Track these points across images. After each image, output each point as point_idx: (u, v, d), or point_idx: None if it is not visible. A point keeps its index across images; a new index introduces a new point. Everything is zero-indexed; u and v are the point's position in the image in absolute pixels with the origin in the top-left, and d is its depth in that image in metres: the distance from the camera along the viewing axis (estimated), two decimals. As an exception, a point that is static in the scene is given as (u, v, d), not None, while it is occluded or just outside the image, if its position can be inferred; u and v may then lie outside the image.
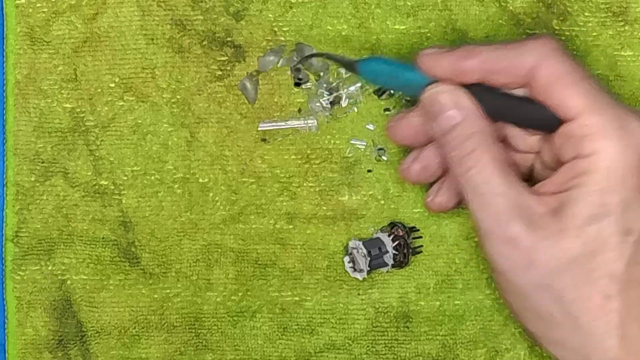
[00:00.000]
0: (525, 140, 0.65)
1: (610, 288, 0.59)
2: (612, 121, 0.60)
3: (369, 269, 0.69)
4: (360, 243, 0.69)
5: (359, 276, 0.69)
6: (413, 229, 0.70)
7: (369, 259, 0.69)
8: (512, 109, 0.63)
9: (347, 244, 0.70)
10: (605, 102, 0.60)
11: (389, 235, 0.69)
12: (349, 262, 0.70)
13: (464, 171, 0.61)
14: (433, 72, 0.62)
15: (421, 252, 0.70)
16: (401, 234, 0.69)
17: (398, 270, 0.70)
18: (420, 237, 0.70)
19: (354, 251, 0.69)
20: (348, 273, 0.70)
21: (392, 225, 0.69)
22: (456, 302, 0.70)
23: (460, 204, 0.67)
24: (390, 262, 0.69)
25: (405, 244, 0.69)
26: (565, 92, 0.60)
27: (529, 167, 0.66)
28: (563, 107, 0.61)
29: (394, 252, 0.69)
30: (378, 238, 0.69)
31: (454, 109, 0.62)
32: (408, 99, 0.69)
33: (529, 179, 0.65)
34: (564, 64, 0.61)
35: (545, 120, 0.62)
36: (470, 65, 0.62)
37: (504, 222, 0.60)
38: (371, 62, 0.64)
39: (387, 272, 0.70)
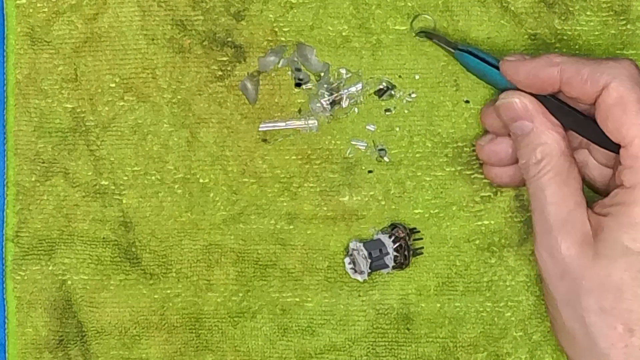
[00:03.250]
0: (602, 154, 0.65)
1: (633, 322, 0.59)
2: None
3: (369, 270, 0.69)
4: (361, 244, 0.69)
5: (359, 277, 0.69)
6: (414, 230, 0.69)
7: (369, 260, 0.68)
8: (579, 126, 0.63)
9: (348, 245, 0.69)
10: None
11: (390, 237, 0.69)
12: (349, 263, 0.69)
13: (530, 177, 0.63)
14: (514, 79, 0.63)
15: (422, 253, 0.69)
16: (402, 235, 0.68)
17: (399, 272, 0.69)
18: (421, 238, 0.69)
19: (355, 252, 0.69)
20: (349, 274, 0.69)
21: (393, 226, 0.69)
22: (457, 304, 0.69)
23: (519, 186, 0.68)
24: (391, 263, 0.69)
25: (406, 245, 0.68)
26: (624, 119, 0.60)
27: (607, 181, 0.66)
28: (616, 133, 0.60)
29: (394, 253, 0.68)
30: (379, 239, 0.69)
31: (525, 119, 0.63)
32: (408, 99, 0.69)
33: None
34: (633, 90, 0.60)
35: (608, 143, 0.62)
36: (549, 74, 0.62)
37: (549, 231, 0.61)
38: (465, 52, 0.66)
39: (388, 273, 0.69)
